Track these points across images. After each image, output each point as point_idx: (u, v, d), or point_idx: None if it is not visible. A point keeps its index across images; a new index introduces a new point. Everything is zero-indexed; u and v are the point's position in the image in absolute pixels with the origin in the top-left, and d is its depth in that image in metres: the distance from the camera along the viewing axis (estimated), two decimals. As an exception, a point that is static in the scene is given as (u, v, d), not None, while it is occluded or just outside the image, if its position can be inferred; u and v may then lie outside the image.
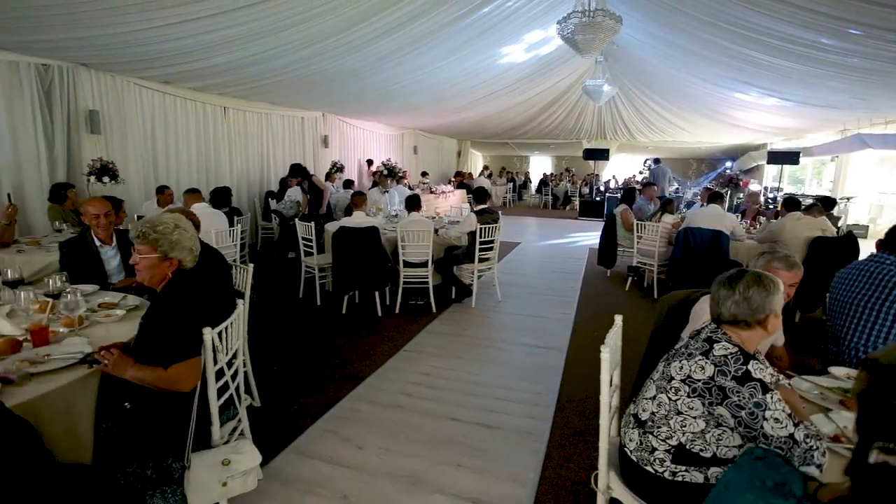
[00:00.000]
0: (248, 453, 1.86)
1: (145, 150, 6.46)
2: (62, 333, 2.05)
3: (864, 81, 6.59)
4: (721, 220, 5.05)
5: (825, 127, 11.04)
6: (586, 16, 6.00)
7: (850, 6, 4.42)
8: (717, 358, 1.41)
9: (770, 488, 0.77)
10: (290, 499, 2.21)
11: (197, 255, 1.95)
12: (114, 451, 1.80)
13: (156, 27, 4.60)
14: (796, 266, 1.95)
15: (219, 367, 1.87)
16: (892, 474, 0.62)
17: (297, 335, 4.24)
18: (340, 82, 7.77)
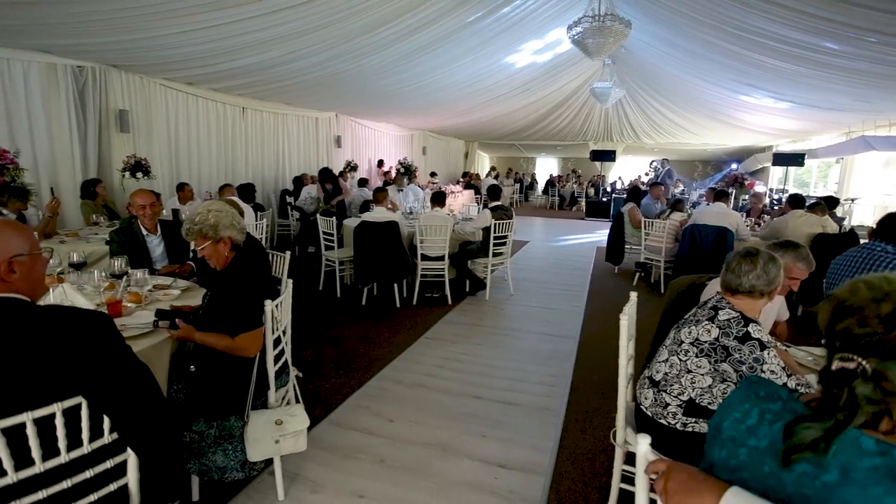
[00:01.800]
0: (299, 416, 2.08)
1: (169, 149, 6.73)
2: (130, 308, 2.28)
3: (867, 84, 6.76)
4: (726, 217, 5.24)
5: (830, 129, 11.19)
6: (596, 20, 6.20)
7: (849, 11, 4.60)
8: (721, 322, 1.62)
9: (762, 397, 0.98)
10: (332, 462, 2.43)
11: (243, 230, 2.13)
12: (182, 409, 2.02)
13: (185, 31, 4.85)
14: (812, 264, 2.14)
15: (276, 335, 2.09)
16: (848, 374, 0.82)
17: (320, 324, 4.46)
18: (355, 84, 8.02)
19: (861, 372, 0.79)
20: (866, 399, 0.78)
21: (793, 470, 0.83)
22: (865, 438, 0.78)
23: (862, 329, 0.80)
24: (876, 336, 0.78)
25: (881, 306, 0.79)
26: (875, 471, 0.75)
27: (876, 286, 0.84)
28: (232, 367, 2.03)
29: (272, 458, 2.13)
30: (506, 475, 2.34)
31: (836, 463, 0.79)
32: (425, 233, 4.90)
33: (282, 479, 2.14)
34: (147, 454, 1.32)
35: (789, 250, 2.08)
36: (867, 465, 0.76)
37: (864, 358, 0.79)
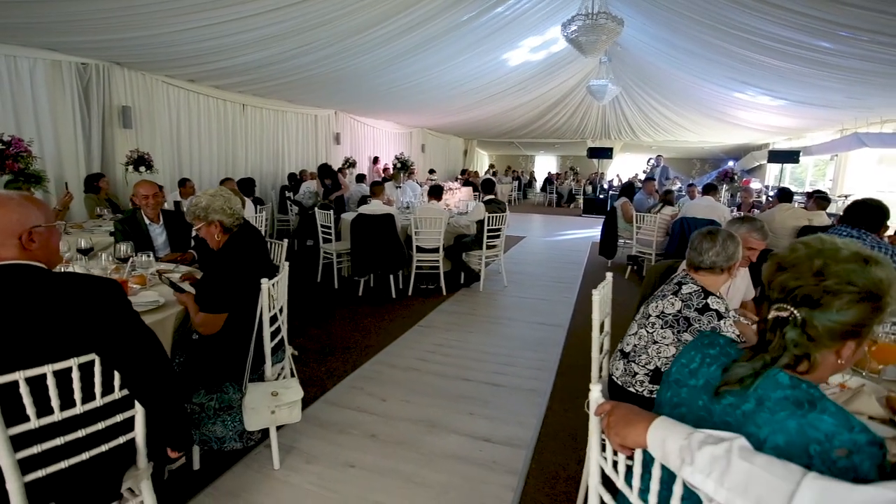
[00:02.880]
0: (294, 388, 2.21)
1: (171, 144, 6.86)
2: (135, 289, 2.41)
3: (857, 81, 6.87)
4: (714, 210, 5.36)
5: (824, 126, 11.30)
6: (589, 18, 6.32)
7: (841, 10, 4.71)
8: (684, 295, 1.75)
9: (706, 344, 1.11)
10: (326, 436, 2.56)
11: (236, 216, 2.24)
12: (184, 380, 2.15)
13: (186, 29, 4.97)
14: (767, 235, 2.28)
15: (272, 313, 2.22)
16: (781, 321, 0.95)
17: (318, 313, 4.59)
18: (354, 81, 8.14)
19: (792, 319, 0.91)
20: (794, 343, 0.91)
21: (721, 402, 0.96)
22: (782, 375, 0.91)
23: (796, 282, 0.92)
24: (807, 288, 0.90)
25: (814, 262, 0.91)
26: (784, 399, 0.88)
27: (811, 245, 0.97)
28: (231, 339, 2.16)
29: (268, 431, 2.27)
30: (490, 448, 2.47)
31: (754, 395, 0.92)
32: (420, 225, 5.03)
33: (277, 449, 2.27)
34: (154, 407, 1.45)
35: (745, 223, 2.22)
36: (779, 395, 0.89)
37: (796, 308, 0.91)
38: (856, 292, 0.87)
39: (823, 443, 0.80)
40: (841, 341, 0.91)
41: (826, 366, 0.93)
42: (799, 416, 0.84)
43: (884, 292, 0.88)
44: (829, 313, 0.88)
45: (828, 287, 0.88)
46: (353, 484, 2.19)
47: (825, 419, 0.82)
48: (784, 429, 0.84)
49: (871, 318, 0.89)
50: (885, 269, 0.89)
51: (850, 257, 0.89)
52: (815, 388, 0.89)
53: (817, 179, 14.93)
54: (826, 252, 0.91)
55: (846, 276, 0.87)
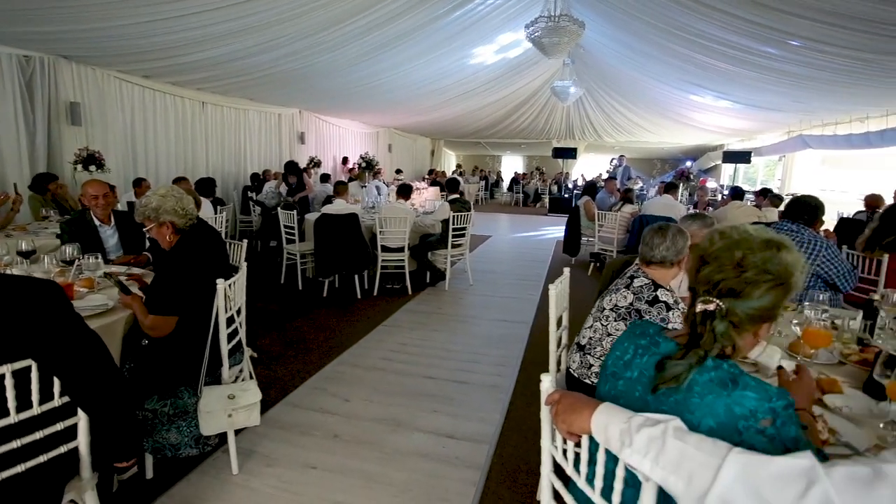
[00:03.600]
0: (252, 391, 2.17)
1: (125, 143, 6.58)
2: (82, 292, 2.30)
3: (800, 86, 7.26)
4: (672, 209, 5.56)
5: (773, 129, 11.88)
6: (552, 20, 6.44)
7: (785, 19, 4.97)
8: (635, 288, 1.82)
9: (637, 334, 1.15)
10: (289, 438, 2.52)
11: (188, 216, 2.18)
12: (135, 387, 2.08)
13: (141, 23, 4.78)
14: None
15: (229, 314, 2.17)
16: (709, 314, 1.00)
17: (281, 315, 4.50)
18: (318, 80, 8.02)
19: (719, 312, 0.96)
20: (723, 335, 0.96)
21: (656, 394, 1.00)
22: (719, 369, 0.96)
23: (720, 275, 0.97)
24: (731, 281, 0.96)
25: (734, 254, 0.97)
26: (710, 382, 0.93)
27: (728, 236, 1.02)
28: (185, 343, 2.10)
29: (226, 435, 2.21)
30: (453, 444, 2.49)
31: (704, 403, 0.96)
32: (386, 224, 5.00)
33: (236, 453, 2.22)
34: (98, 414, 1.39)
35: (696, 219, 2.33)
36: (705, 378, 0.94)
37: (720, 299, 0.96)
38: (772, 279, 0.94)
39: (749, 418, 0.86)
40: (759, 324, 0.98)
41: (746, 345, 1.01)
42: (725, 397, 0.89)
43: (791, 274, 0.96)
44: (749, 301, 0.95)
45: (748, 278, 0.94)
46: (315, 485, 2.16)
47: (747, 395, 0.88)
48: (713, 411, 0.89)
49: (783, 299, 0.97)
50: (791, 253, 0.97)
51: (764, 245, 0.96)
52: (735, 365, 0.94)
53: (768, 178, 15.69)
54: (743, 243, 0.97)
55: (763, 266, 0.94)
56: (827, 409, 1.38)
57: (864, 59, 5.46)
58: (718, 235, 1.04)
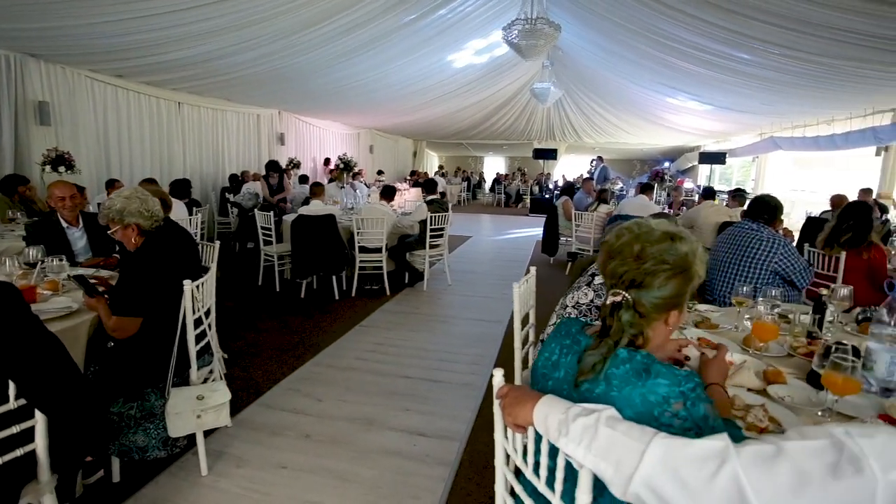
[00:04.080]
0: (221, 391, 2.17)
1: (97, 143, 6.46)
2: (45, 295, 2.27)
3: (767, 89, 7.48)
4: (646, 208, 5.67)
5: (746, 131, 12.18)
6: (528, 23, 6.52)
7: (755, 25, 5.11)
8: (596, 286, 1.87)
9: (563, 334, 1.20)
10: (260, 439, 2.52)
11: (154, 218, 2.17)
12: (100, 390, 2.06)
13: (113, 21, 4.71)
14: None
15: (197, 316, 2.16)
16: (617, 305, 1.05)
17: (258, 317, 4.48)
18: (297, 81, 7.98)
19: (625, 302, 1.01)
20: (629, 324, 1.01)
21: (580, 390, 1.04)
22: (621, 350, 1.01)
23: (622, 268, 1.03)
24: (631, 272, 1.01)
25: (633, 247, 1.03)
26: (626, 374, 0.98)
27: (630, 230, 1.08)
28: (151, 344, 2.09)
29: (195, 437, 2.20)
30: (424, 442, 2.52)
31: (603, 376, 1.01)
32: (363, 225, 5.01)
33: (205, 454, 2.21)
34: (56, 416, 1.39)
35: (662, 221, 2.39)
36: (621, 371, 0.98)
37: (626, 291, 1.02)
38: (669, 269, 1.00)
39: (663, 404, 0.91)
40: (666, 312, 1.04)
41: (658, 334, 1.06)
42: (640, 387, 0.94)
43: (690, 263, 1.02)
44: (652, 291, 1.01)
45: (647, 269, 1.00)
46: (285, 485, 2.17)
47: (659, 382, 0.93)
48: (631, 402, 0.94)
49: (685, 287, 1.03)
50: (688, 243, 1.03)
51: (662, 237, 1.02)
52: (648, 356, 0.99)
53: (745, 179, 16.08)
54: (643, 237, 1.03)
55: (660, 256, 1.00)
56: (770, 398, 1.45)
57: (825, 63, 5.66)
58: (626, 231, 1.10)
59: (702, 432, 0.90)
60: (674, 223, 1.09)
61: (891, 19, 4.13)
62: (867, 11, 4.13)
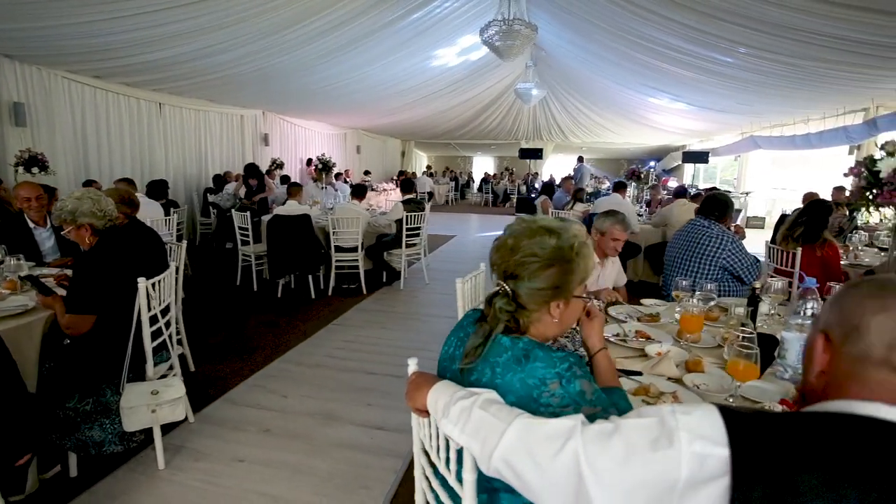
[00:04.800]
0: (175, 386, 2.22)
1: (75, 144, 6.45)
2: (4, 294, 2.31)
3: (743, 90, 7.60)
4: (620, 207, 5.74)
5: (728, 130, 12.34)
6: (505, 24, 6.59)
7: (726, 28, 5.21)
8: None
9: (461, 326, 1.27)
10: (220, 434, 2.57)
11: (106, 218, 2.20)
12: (55, 386, 2.10)
13: (89, 22, 4.71)
14: (628, 226, 2.55)
15: (152, 313, 2.21)
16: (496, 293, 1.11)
17: (233, 316, 4.51)
18: (277, 81, 7.99)
19: (503, 292, 1.08)
20: (502, 310, 1.08)
21: (470, 379, 1.10)
22: (504, 338, 1.08)
23: (502, 261, 1.10)
24: (506, 264, 1.08)
25: (508, 241, 1.10)
26: (508, 361, 1.05)
27: (512, 226, 1.15)
28: (105, 341, 2.14)
29: (153, 431, 2.25)
30: (381, 436, 2.58)
31: (488, 364, 1.07)
32: (338, 225, 5.06)
33: (162, 448, 2.26)
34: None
35: (609, 216, 2.48)
36: (504, 358, 1.05)
37: (506, 282, 1.08)
38: (538, 261, 1.06)
39: (541, 386, 0.98)
40: (546, 303, 1.09)
41: (544, 323, 1.12)
42: (519, 371, 1.01)
43: (566, 256, 1.08)
44: (525, 282, 1.07)
45: (518, 261, 1.07)
46: (240, 478, 2.22)
47: (536, 365, 1.00)
48: (512, 388, 1.00)
49: (565, 279, 1.09)
50: (560, 238, 1.09)
51: (536, 232, 1.09)
52: (530, 342, 1.06)
53: (730, 177, 16.27)
54: (518, 231, 1.10)
55: (530, 250, 1.07)
56: (683, 386, 1.52)
57: (792, 63, 5.77)
58: (508, 227, 1.17)
59: (579, 407, 0.97)
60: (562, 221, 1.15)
61: (848, 21, 4.24)
62: (825, 14, 4.24)
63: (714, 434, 0.64)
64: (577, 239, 1.12)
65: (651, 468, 0.65)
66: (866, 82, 6.17)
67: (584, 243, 1.14)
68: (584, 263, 1.11)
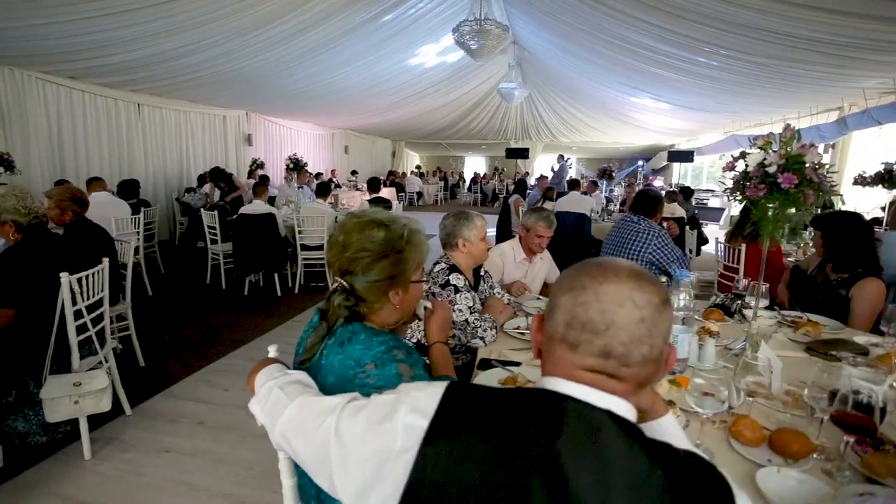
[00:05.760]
0: (99, 378, 2.27)
1: (50, 145, 6.50)
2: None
3: (719, 90, 7.66)
4: (581, 203, 5.83)
5: (713, 129, 12.39)
6: (477, 24, 6.65)
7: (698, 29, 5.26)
8: (434, 273, 2.00)
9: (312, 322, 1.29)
10: (154, 426, 2.62)
11: (30, 215, 2.25)
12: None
13: (56, 23, 4.75)
14: (551, 223, 2.60)
15: (77, 308, 2.27)
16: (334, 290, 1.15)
17: (198, 313, 4.56)
18: (258, 81, 8.04)
19: (340, 288, 1.12)
20: (340, 305, 1.12)
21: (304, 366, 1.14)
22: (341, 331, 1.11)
23: (335, 259, 1.14)
24: (339, 261, 1.13)
25: (339, 238, 1.14)
26: (333, 343, 1.09)
27: (343, 224, 1.18)
28: (27, 334, 2.19)
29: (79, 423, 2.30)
30: (312, 426, 2.63)
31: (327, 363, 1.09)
32: (304, 224, 5.12)
33: (88, 439, 2.32)
34: None
35: (534, 213, 2.54)
36: (331, 342, 1.09)
37: (343, 278, 1.13)
38: (369, 254, 1.10)
39: (356, 367, 1.02)
40: (384, 293, 1.13)
41: (386, 311, 1.15)
42: (339, 353, 1.05)
43: (396, 247, 1.12)
44: (360, 277, 1.11)
45: (349, 257, 1.11)
46: (164, 467, 2.28)
47: (355, 347, 1.04)
48: (332, 369, 1.05)
49: (400, 268, 1.13)
50: (390, 229, 1.13)
51: (365, 226, 1.12)
52: (360, 325, 1.10)
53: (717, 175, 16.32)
54: (347, 228, 1.14)
55: (360, 245, 1.10)
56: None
57: (766, 63, 5.81)
58: (339, 225, 1.21)
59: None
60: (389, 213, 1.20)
61: (813, 22, 4.28)
62: (793, 16, 4.28)
63: (427, 408, 0.69)
64: (406, 228, 1.16)
65: (379, 440, 0.71)
66: (835, 82, 6.21)
67: (414, 231, 1.18)
68: (417, 250, 1.16)
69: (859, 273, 2.35)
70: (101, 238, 3.12)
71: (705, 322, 2.02)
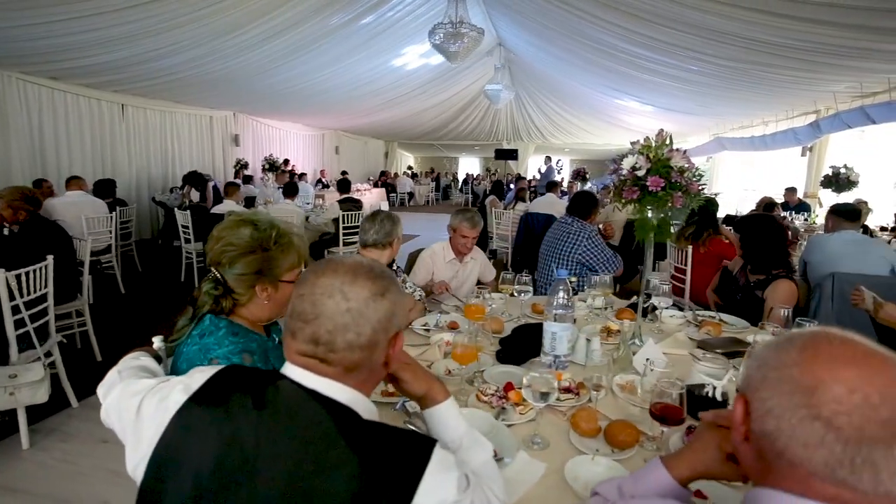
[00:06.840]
0: (34, 370, 2.36)
1: (31, 146, 6.58)
2: None
3: (696, 91, 7.72)
4: (553, 206, 5.90)
5: (699, 132, 12.45)
6: (452, 26, 6.72)
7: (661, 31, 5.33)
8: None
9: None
10: (97, 418, 2.66)
11: None
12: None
13: (36, 24, 4.83)
14: (475, 223, 2.68)
15: (14, 303, 2.36)
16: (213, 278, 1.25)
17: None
18: (242, 82, 8.10)
19: (212, 277, 1.21)
20: (208, 294, 1.21)
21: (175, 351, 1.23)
22: (210, 317, 1.20)
23: (210, 251, 1.24)
24: (212, 254, 1.22)
25: (214, 234, 1.23)
26: (196, 335, 1.17)
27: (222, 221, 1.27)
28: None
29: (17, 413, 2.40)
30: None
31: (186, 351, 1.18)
32: (273, 223, 5.20)
33: (27, 429, 2.41)
34: None
35: (459, 214, 2.62)
36: (195, 332, 1.18)
37: (215, 269, 1.22)
38: (235, 250, 1.20)
39: (204, 360, 1.11)
40: (251, 287, 1.22)
41: (256, 305, 1.24)
42: (197, 343, 1.15)
43: (266, 246, 1.21)
44: (227, 268, 1.20)
45: (219, 250, 1.20)
46: (97, 457, 2.37)
47: (209, 341, 1.13)
48: (188, 357, 1.14)
49: (268, 264, 1.21)
50: (258, 229, 1.22)
51: (236, 224, 1.22)
52: (227, 322, 1.19)
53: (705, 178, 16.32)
54: (223, 225, 1.24)
55: (228, 241, 1.20)
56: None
57: (738, 68, 5.88)
58: (221, 221, 1.30)
59: None
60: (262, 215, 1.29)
61: (781, 28, 4.34)
62: (763, 22, 4.34)
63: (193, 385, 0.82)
64: (274, 230, 1.25)
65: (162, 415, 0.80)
66: (808, 86, 6.28)
67: (283, 234, 1.27)
68: (286, 253, 1.24)
69: (773, 275, 2.43)
70: (55, 236, 3.22)
71: (609, 322, 2.11)
